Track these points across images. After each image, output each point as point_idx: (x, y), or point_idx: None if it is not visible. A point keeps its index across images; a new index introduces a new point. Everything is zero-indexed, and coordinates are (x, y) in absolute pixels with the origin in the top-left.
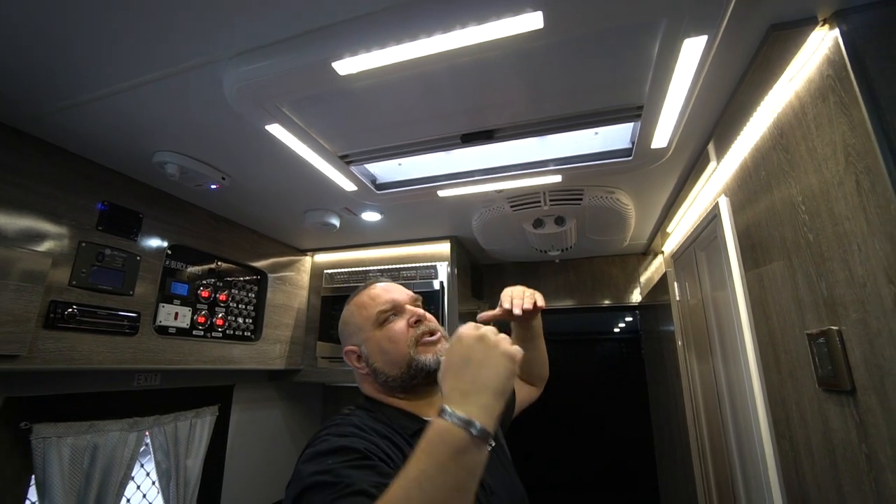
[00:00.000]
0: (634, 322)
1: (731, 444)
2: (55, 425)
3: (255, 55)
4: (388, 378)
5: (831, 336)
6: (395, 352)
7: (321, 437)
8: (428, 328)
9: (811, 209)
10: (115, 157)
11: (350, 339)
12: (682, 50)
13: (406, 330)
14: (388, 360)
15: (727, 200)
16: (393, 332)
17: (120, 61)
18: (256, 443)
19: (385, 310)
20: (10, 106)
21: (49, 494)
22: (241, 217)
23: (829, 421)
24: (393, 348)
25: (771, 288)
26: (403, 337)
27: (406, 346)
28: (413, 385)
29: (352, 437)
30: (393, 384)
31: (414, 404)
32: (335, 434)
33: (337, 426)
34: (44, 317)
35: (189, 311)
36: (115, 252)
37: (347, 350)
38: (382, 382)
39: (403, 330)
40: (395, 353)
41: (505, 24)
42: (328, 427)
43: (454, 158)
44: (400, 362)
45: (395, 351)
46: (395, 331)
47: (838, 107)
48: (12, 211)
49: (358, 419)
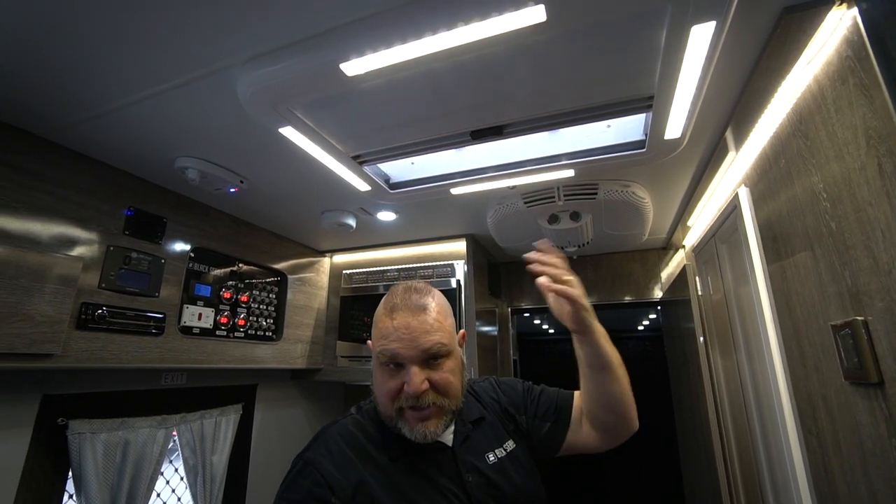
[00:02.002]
0: (658, 319)
1: (757, 441)
2: (89, 422)
3: (267, 59)
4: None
5: (856, 327)
6: (382, 398)
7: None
8: (420, 402)
9: (832, 196)
10: (139, 164)
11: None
12: (691, 37)
13: (397, 389)
14: (377, 393)
15: (747, 191)
16: (382, 385)
17: (139, 71)
18: (279, 440)
19: (383, 353)
20: (43, 118)
21: (85, 487)
22: (260, 220)
23: (856, 415)
24: (381, 394)
25: (794, 279)
26: (390, 396)
27: (391, 406)
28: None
29: (304, 471)
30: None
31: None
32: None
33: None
34: (76, 318)
35: (212, 312)
36: (142, 255)
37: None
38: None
39: (393, 390)
40: (382, 399)
41: (508, 19)
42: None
43: (466, 156)
44: (386, 411)
45: (383, 399)
46: (386, 386)
47: (858, 89)
48: (46, 218)
49: (339, 434)
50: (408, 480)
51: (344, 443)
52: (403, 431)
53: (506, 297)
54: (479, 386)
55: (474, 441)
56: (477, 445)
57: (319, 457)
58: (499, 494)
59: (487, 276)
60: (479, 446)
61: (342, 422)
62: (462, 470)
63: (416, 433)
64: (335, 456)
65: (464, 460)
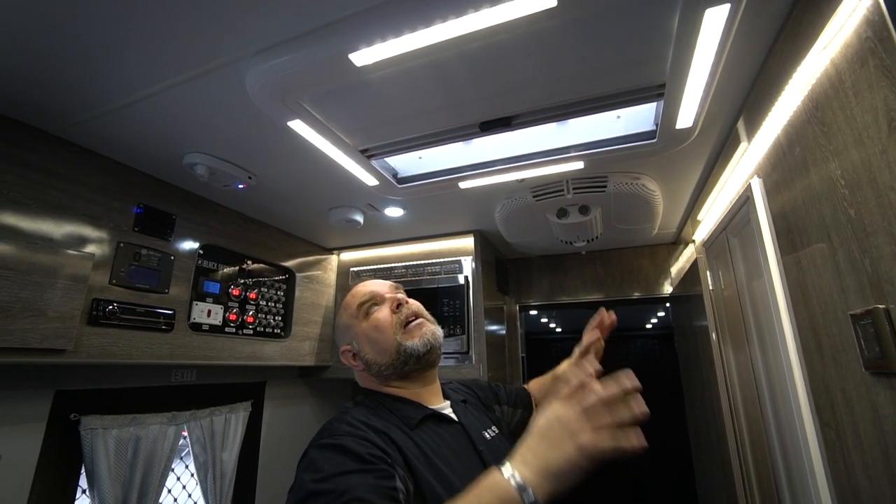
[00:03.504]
0: (667, 317)
1: (772, 435)
2: (101, 417)
3: (275, 52)
4: (381, 367)
5: (878, 315)
6: (382, 340)
7: (316, 443)
8: (410, 310)
9: (851, 182)
10: (148, 161)
11: (343, 340)
12: (704, 21)
13: (390, 316)
14: (377, 349)
15: (760, 182)
16: (377, 321)
17: (148, 67)
18: (289, 438)
19: (364, 301)
20: (54, 116)
21: (97, 482)
22: (268, 217)
23: (878, 407)
24: (380, 336)
25: (810, 270)
26: (388, 323)
27: (392, 333)
28: (406, 371)
29: (346, 438)
30: (387, 373)
31: (413, 392)
32: (330, 438)
33: (332, 426)
34: (87, 314)
35: (221, 309)
36: (151, 252)
37: (343, 351)
38: (377, 374)
39: (387, 317)
40: (382, 340)
41: (518, 5)
42: (323, 431)
43: (474, 149)
44: (389, 349)
45: (383, 339)
46: (380, 319)
47: (879, 70)
48: (58, 215)
49: (352, 417)
50: (433, 445)
51: (359, 422)
52: (413, 346)
53: (514, 294)
54: (449, 387)
55: (471, 418)
56: (475, 423)
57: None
58: None
59: (495, 272)
60: (476, 424)
61: (343, 411)
62: (475, 440)
63: (425, 337)
64: (359, 429)
65: (473, 433)
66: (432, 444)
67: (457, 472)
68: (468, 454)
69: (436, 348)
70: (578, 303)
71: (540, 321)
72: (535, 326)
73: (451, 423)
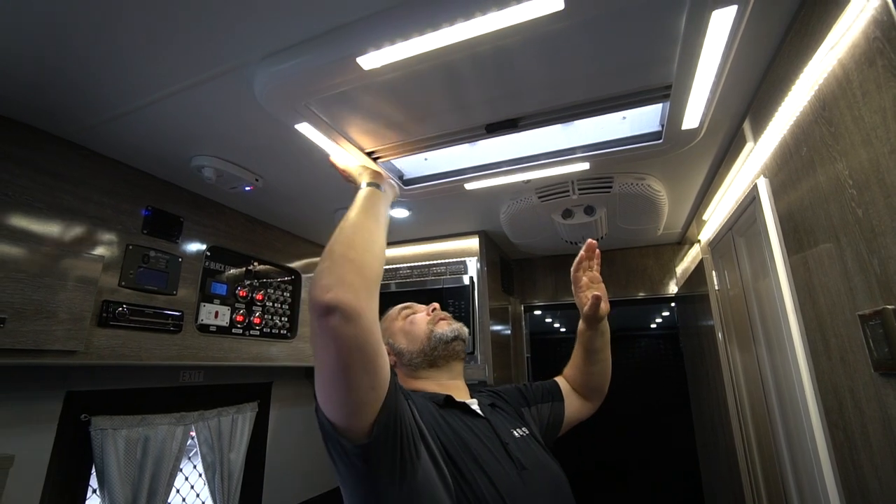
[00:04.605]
0: (672, 317)
1: (780, 437)
2: (111, 418)
3: (283, 56)
4: (413, 355)
5: (887, 316)
6: (415, 331)
7: None
8: (442, 313)
9: (859, 182)
10: (156, 164)
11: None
12: (711, 23)
13: (424, 318)
14: (410, 339)
15: (766, 181)
16: (414, 319)
17: (156, 72)
18: (295, 438)
19: (405, 307)
20: (64, 120)
21: (107, 482)
22: (274, 218)
23: (887, 408)
24: (413, 328)
25: (817, 270)
26: (423, 320)
27: (425, 324)
28: (434, 357)
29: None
30: (417, 360)
31: (442, 384)
32: None
33: None
34: (97, 316)
35: (228, 310)
36: (159, 254)
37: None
38: (408, 363)
39: (423, 316)
40: (415, 331)
41: (525, 8)
42: None
43: (480, 151)
44: (420, 337)
45: (416, 330)
46: (416, 317)
47: (887, 70)
48: (68, 218)
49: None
50: (458, 427)
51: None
52: (441, 332)
53: (518, 295)
54: (477, 391)
55: (499, 417)
56: (503, 422)
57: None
58: (535, 462)
59: (500, 272)
60: (504, 423)
61: None
62: (501, 435)
63: (452, 326)
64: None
65: (500, 429)
66: (458, 426)
67: (482, 454)
68: (495, 445)
69: (462, 338)
70: None
71: (545, 321)
72: (540, 326)
73: (477, 417)
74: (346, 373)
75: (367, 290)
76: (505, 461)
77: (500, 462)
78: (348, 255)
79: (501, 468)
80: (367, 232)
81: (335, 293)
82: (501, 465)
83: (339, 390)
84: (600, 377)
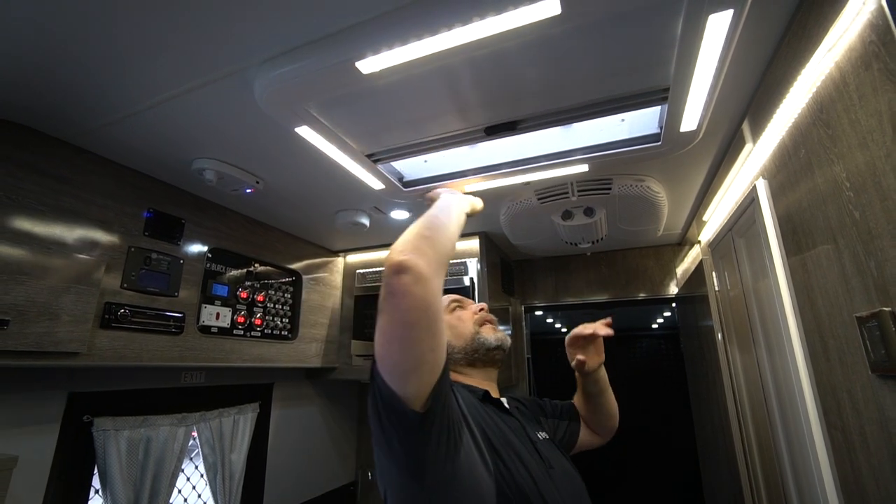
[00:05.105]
0: (672, 317)
1: (779, 437)
2: (113, 419)
3: (283, 60)
4: (455, 350)
5: (884, 318)
6: (461, 327)
7: None
8: (489, 315)
9: (856, 185)
10: (158, 167)
11: None
12: (707, 26)
13: (471, 315)
14: (455, 334)
15: (765, 183)
16: (461, 314)
17: (157, 76)
18: (296, 439)
19: (453, 300)
20: (67, 124)
21: (110, 483)
22: (275, 220)
23: (885, 409)
24: (460, 324)
25: (815, 272)
26: (469, 318)
27: (471, 324)
28: (474, 359)
29: None
30: (457, 356)
31: (478, 381)
32: None
33: None
34: (100, 317)
35: (229, 312)
36: (161, 256)
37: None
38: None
39: (469, 314)
40: (462, 328)
41: (523, 13)
42: None
43: (479, 153)
44: (466, 335)
45: (462, 326)
46: (463, 314)
47: (883, 74)
48: (71, 220)
49: None
50: (499, 420)
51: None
52: (486, 338)
53: (519, 295)
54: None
55: (525, 419)
56: (528, 423)
57: None
58: (560, 464)
59: (501, 274)
60: (530, 424)
61: None
62: (529, 433)
63: (498, 334)
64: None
65: (528, 428)
66: (497, 419)
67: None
68: (525, 443)
69: (504, 349)
70: (583, 303)
71: (545, 321)
72: (541, 326)
73: (510, 415)
74: (410, 330)
75: (437, 262)
76: (536, 459)
77: (533, 458)
78: (424, 233)
79: (535, 464)
80: (444, 220)
81: (410, 256)
82: (535, 462)
83: (402, 346)
84: (604, 417)
